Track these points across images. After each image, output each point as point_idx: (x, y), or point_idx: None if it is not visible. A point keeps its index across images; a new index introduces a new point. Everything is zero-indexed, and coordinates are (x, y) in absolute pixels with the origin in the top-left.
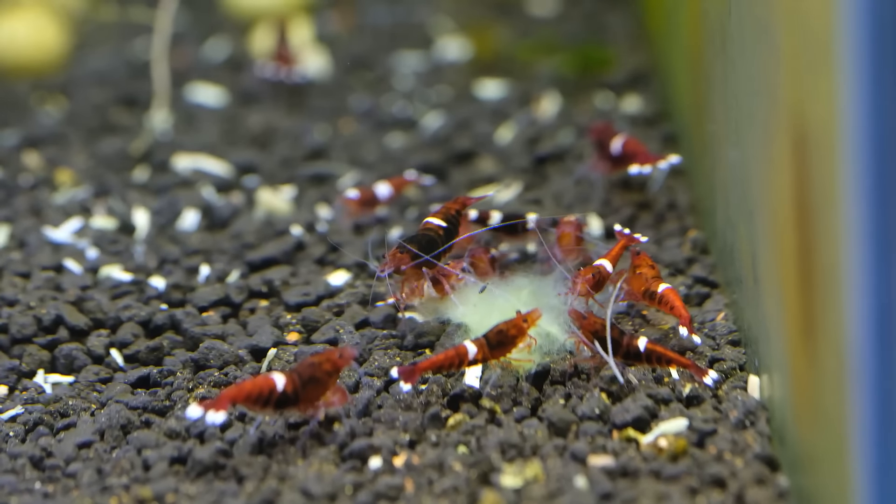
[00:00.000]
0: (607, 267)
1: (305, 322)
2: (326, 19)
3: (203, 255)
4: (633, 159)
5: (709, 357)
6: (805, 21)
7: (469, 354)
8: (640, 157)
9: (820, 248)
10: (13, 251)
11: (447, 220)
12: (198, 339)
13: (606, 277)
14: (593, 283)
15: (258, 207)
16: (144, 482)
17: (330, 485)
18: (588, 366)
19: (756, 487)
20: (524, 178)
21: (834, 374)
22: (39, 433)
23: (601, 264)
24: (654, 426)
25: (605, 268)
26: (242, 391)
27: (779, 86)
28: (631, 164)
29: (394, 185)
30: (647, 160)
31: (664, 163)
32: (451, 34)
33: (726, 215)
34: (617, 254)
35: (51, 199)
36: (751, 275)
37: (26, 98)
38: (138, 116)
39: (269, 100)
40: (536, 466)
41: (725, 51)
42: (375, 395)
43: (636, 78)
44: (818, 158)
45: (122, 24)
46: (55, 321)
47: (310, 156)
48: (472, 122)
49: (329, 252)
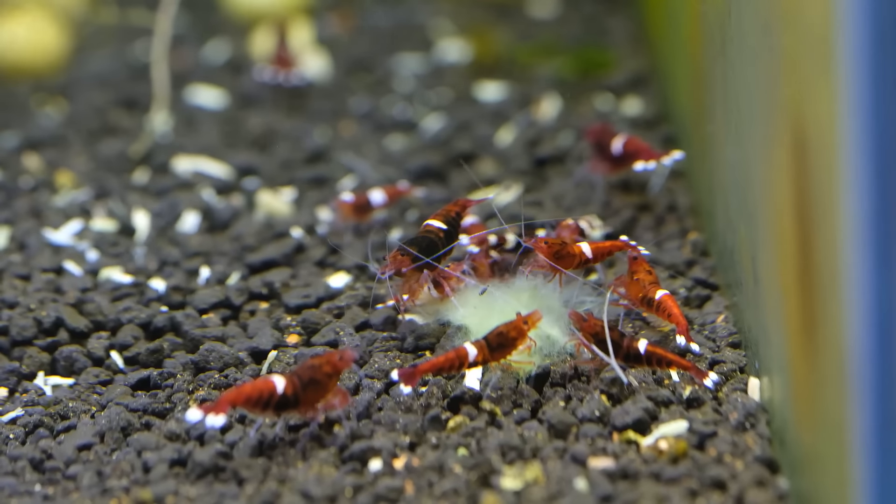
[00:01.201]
0: (586, 250)
1: (305, 324)
2: (326, 21)
3: (203, 257)
4: (637, 157)
5: (709, 359)
6: (805, 22)
7: (469, 356)
8: (644, 154)
9: (820, 250)
10: (13, 253)
11: (447, 223)
12: (198, 342)
13: (574, 255)
14: (549, 252)
15: (258, 209)
16: (144, 484)
17: (330, 487)
18: (588, 368)
19: (756, 489)
20: (524, 180)
21: (834, 377)
22: (39, 435)
23: (579, 245)
24: (654, 428)
25: (579, 247)
26: (242, 394)
27: (778, 88)
28: (634, 162)
29: (388, 193)
30: (651, 156)
31: (668, 158)
32: (451, 36)
33: (726, 217)
34: (604, 247)
35: (51, 201)
36: (751, 277)
37: (26, 100)
38: (138, 118)
39: (269, 102)
40: (536, 468)
41: (725, 53)
42: (375, 398)
43: (636, 80)
44: (818, 160)
45: (122, 27)
46: (55, 323)
47: (310, 158)
48: (473, 125)
49: (329, 254)
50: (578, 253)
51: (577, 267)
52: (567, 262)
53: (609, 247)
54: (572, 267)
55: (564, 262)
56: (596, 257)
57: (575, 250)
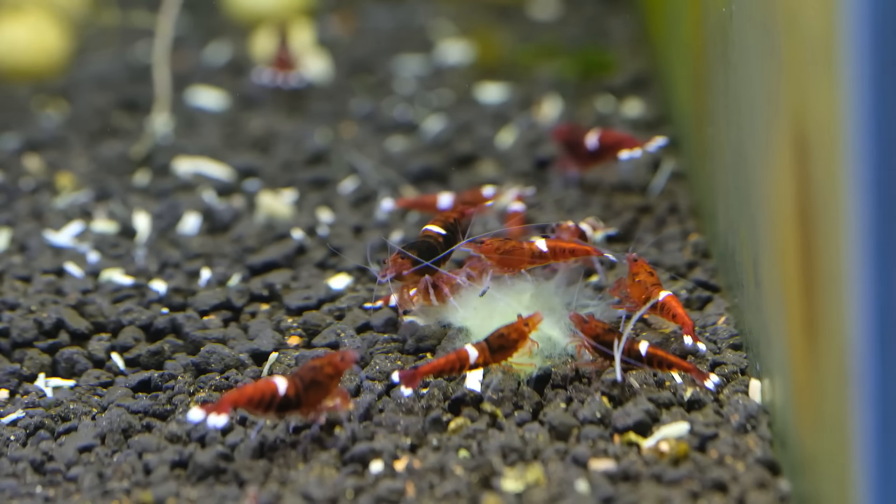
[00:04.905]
0: (540, 245)
1: (306, 326)
2: (327, 23)
3: (204, 258)
4: (619, 147)
5: (710, 361)
6: (806, 25)
7: (470, 358)
8: (627, 143)
9: (821, 252)
10: (14, 255)
11: (446, 228)
12: (199, 343)
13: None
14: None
15: (259, 211)
16: (145, 486)
17: (331, 489)
18: (589, 370)
19: (757, 491)
20: (525, 181)
21: (835, 378)
22: (40, 437)
23: (532, 242)
24: (655, 430)
25: (531, 244)
26: (244, 395)
27: (780, 89)
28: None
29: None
30: (635, 144)
31: (652, 145)
32: (452, 38)
33: (728, 219)
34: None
35: (52, 202)
36: (752, 278)
37: (27, 102)
38: (139, 120)
39: (269, 104)
40: (538, 470)
41: (726, 54)
42: (377, 399)
43: (637, 82)
44: (819, 162)
45: (123, 28)
46: (56, 325)
47: (311, 160)
48: (474, 126)
49: (330, 256)
50: (529, 249)
51: (532, 264)
52: (516, 259)
53: (573, 247)
54: (525, 264)
55: (513, 259)
56: (556, 255)
57: (525, 247)
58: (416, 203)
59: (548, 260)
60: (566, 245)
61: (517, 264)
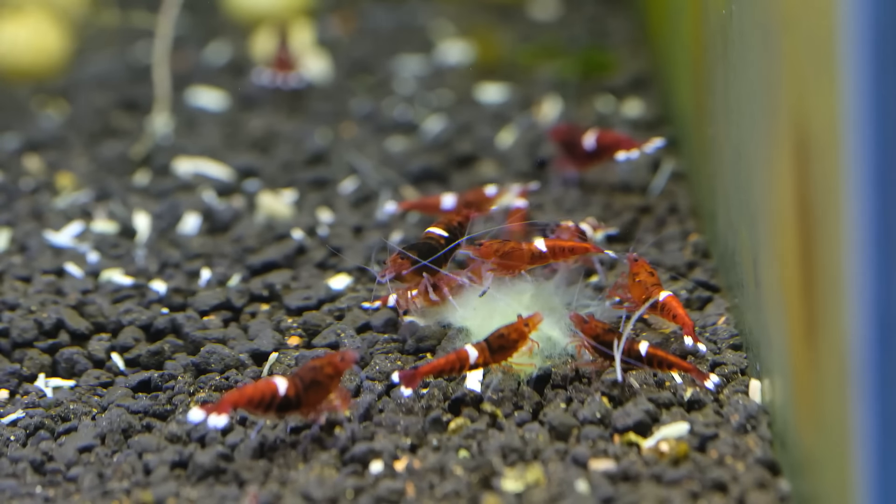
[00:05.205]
0: (539, 245)
1: (307, 326)
2: (327, 23)
3: (204, 259)
4: (616, 148)
5: (710, 361)
6: (806, 25)
7: (470, 358)
8: (624, 144)
9: (821, 252)
10: (14, 255)
11: (449, 230)
12: (199, 343)
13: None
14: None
15: (259, 211)
16: (145, 486)
17: (331, 489)
18: (589, 370)
19: (757, 492)
20: (525, 182)
21: (835, 378)
22: (40, 437)
23: (531, 243)
24: (655, 430)
25: (531, 244)
26: (244, 395)
27: (780, 90)
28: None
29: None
30: (633, 145)
31: (650, 146)
32: (452, 38)
33: (728, 219)
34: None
35: (52, 202)
36: (752, 279)
37: (27, 102)
38: (139, 120)
39: (269, 104)
40: (537, 470)
41: (726, 55)
42: (377, 400)
43: (637, 82)
44: (820, 162)
45: (123, 29)
46: (56, 325)
47: (311, 160)
48: (474, 126)
49: (330, 256)
50: (528, 249)
51: (531, 264)
52: (516, 261)
53: (572, 245)
54: (525, 265)
55: (513, 260)
56: (556, 254)
57: (524, 248)
58: (418, 205)
59: (547, 260)
60: (565, 244)
61: (517, 266)
